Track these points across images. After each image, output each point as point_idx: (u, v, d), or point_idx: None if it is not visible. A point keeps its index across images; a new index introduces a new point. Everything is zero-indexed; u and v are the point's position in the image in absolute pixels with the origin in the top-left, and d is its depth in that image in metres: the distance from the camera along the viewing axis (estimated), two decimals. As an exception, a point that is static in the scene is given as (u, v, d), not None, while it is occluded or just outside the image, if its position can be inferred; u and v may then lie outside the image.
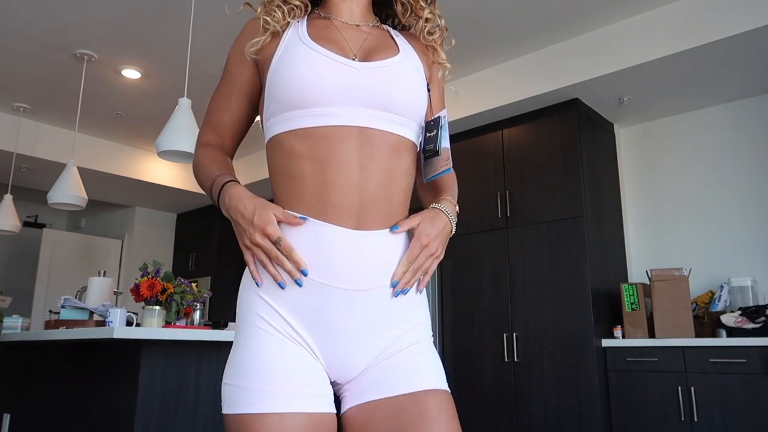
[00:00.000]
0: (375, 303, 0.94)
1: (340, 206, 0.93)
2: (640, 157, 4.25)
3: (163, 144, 2.80)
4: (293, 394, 0.88)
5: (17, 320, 3.28)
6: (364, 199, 0.94)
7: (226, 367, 0.94)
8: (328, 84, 0.95)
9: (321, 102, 0.94)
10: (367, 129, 0.95)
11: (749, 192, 3.75)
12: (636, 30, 3.46)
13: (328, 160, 0.93)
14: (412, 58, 1.06)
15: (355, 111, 0.95)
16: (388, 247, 0.96)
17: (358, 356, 0.96)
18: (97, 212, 7.04)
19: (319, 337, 0.94)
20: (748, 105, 3.84)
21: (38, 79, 4.37)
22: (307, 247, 0.92)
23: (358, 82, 0.96)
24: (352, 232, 0.93)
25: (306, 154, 0.95)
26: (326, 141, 0.94)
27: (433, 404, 0.93)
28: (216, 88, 1.14)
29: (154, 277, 2.75)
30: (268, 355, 0.91)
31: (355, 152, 0.94)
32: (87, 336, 2.34)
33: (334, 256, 0.92)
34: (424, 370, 0.97)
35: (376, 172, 0.95)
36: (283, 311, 0.93)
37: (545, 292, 3.72)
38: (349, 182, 0.93)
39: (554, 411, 3.52)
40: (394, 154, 0.98)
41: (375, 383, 0.96)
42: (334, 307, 0.92)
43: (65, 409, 2.75)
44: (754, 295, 3.46)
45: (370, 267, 0.93)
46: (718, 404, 3.11)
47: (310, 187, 0.94)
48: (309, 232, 0.93)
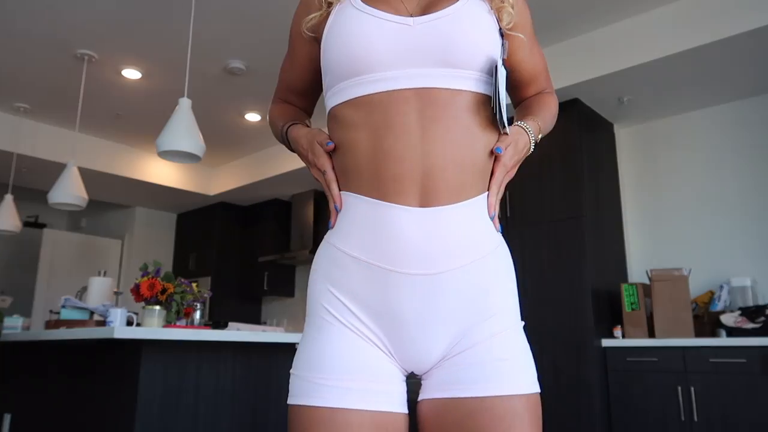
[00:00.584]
0: (447, 287, 0.86)
1: (401, 178, 0.85)
2: (640, 157, 4.25)
3: (163, 144, 2.80)
4: (356, 390, 0.85)
5: (18, 320, 3.28)
6: (428, 168, 0.85)
7: (296, 355, 0.92)
8: (379, 47, 0.87)
9: (373, 67, 0.88)
10: (427, 89, 0.87)
11: (749, 192, 3.75)
12: (636, 30, 3.46)
13: (384, 127, 0.86)
14: (477, 2, 0.94)
15: (412, 72, 0.87)
16: (460, 223, 0.87)
17: (429, 347, 0.88)
18: (97, 212, 7.05)
19: (387, 327, 0.88)
20: (748, 105, 3.84)
21: (38, 79, 4.38)
22: (363, 226, 0.87)
23: (412, 40, 0.88)
24: (416, 210, 0.85)
25: (360, 123, 0.88)
26: (381, 107, 0.87)
27: (507, 413, 0.83)
28: (284, 62, 1.12)
29: (155, 277, 2.75)
30: (330, 349, 0.87)
31: (415, 116, 0.86)
32: (87, 336, 2.34)
33: (396, 238, 0.85)
34: (504, 369, 0.86)
35: (442, 136, 0.86)
36: (348, 302, 0.88)
37: (545, 292, 3.72)
38: (409, 150, 0.85)
39: (554, 411, 3.52)
40: (468, 111, 0.89)
41: (448, 379, 0.88)
42: (397, 294, 0.86)
43: (65, 409, 2.75)
44: (754, 295, 3.46)
45: (441, 248, 0.85)
46: (718, 404, 3.11)
47: (365, 159, 0.87)
48: (363, 210, 0.87)
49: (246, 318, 6.39)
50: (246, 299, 6.52)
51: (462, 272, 0.87)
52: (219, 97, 4.63)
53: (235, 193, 6.21)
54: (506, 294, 0.91)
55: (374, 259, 0.86)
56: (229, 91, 4.51)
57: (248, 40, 3.77)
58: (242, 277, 6.49)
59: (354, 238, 0.88)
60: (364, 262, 0.87)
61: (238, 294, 6.49)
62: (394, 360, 0.90)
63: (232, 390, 2.59)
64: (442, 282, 0.86)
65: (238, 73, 4.17)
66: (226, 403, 2.56)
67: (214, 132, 5.18)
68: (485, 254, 0.89)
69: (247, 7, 3.40)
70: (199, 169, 6.24)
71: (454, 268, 0.86)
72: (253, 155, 5.87)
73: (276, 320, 6.40)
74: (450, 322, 0.88)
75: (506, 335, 0.88)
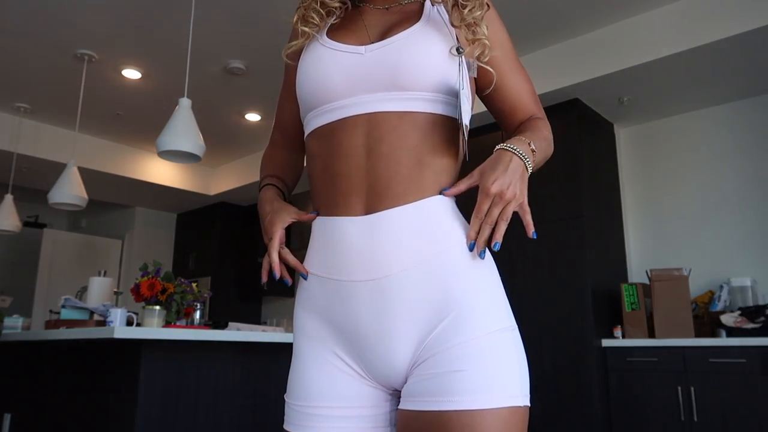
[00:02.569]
0: (396, 291, 0.84)
1: (347, 194, 0.88)
2: (640, 157, 4.25)
3: (163, 144, 2.80)
4: (337, 417, 0.87)
5: (18, 320, 3.28)
6: (373, 181, 0.87)
7: None
8: (334, 78, 0.91)
9: (329, 98, 0.92)
10: (376, 113, 0.89)
11: (749, 192, 3.75)
12: (636, 30, 3.46)
13: (334, 152, 0.91)
14: (436, 25, 0.93)
15: (363, 98, 0.90)
16: (409, 223, 0.85)
17: (391, 357, 0.85)
18: (97, 212, 7.05)
19: (351, 342, 0.88)
20: (748, 105, 3.84)
21: (39, 79, 4.38)
22: (319, 244, 0.92)
23: (363, 68, 0.90)
24: (360, 219, 0.86)
25: (318, 152, 0.94)
26: (334, 135, 0.91)
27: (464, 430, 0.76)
28: (280, 95, 1.15)
29: (155, 277, 2.75)
30: (305, 372, 0.91)
31: (361, 139, 0.89)
32: (87, 336, 2.34)
33: (343, 247, 0.87)
34: (464, 380, 0.78)
35: (387, 153, 0.87)
36: (316, 321, 0.92)
37: (545, 292, 3.72)
38: (355, 168, 0.88)
39: (554, 411, 3.52)
40: (418, 130, 0.89)
41: (414, 390, 0.83)
42: (351, 305, 0.87)
43: (65, 409, 2.75)
44: (754, 295, 3.46)
45: (383, 251, 0.84)
46: (717, 404, 3.11)
47: (321, 183, 0.93)
48: (319, 228, 0.92)
49: (246, 318, 6.39)
50: (246, 299, 6.52)
51: (412, 272, 0.83)
52: (219, 97, 4.63)
53: (235, 193, 6.21)
54: (473, 289, 0.84)
55: (328, 273, 0.89)
56: (229, 91, 4.51)
57: (248, 40, 3.77)
58: (242, 277, 6.49)
59: (315, 257, 0.92)
60: (323, 278, 0.90)
61: (238, 294, 6.48)
62: (368, 380, 0.89)
63: (232, 390, 2.59)
64: (390, 286, 0.84)
65: (238, 73, 4.17)
66: (226, 403, 2.56)
67: (214, 132, 5.18)
68: (438, 252, 0.84)
69: (247, 8, 3.40)
70: (199, 169, 6.24)
71: (400, 270, 0.84)
72: (253, 155, 5.87)
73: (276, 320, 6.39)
74: (408, 326, 0.84)
75: (476, 342, 0.81)
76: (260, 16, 3.47)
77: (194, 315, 3.01)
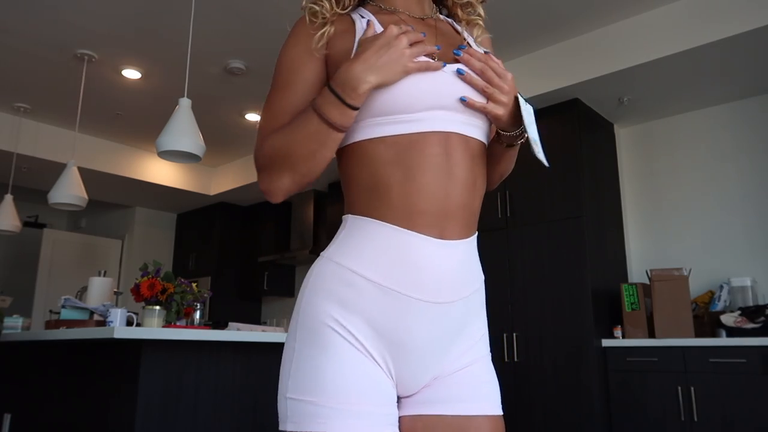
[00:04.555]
0: (453, 315, 0.91)
1: (426, 214, 0.89)
2: (640, 157, 4.25)
3: (163, 144, 2.80)
4: (365, 414, 0.84)
5: (18, 320, 3.28)
6: (448, 207, 0.90)
7: (288, 378, 0.88)
8: (421, 89, 0.90)
9: (412, 108, 0.90)
10: (451, 134, 0.92)
11: (749, 192, 3.75)
12: (636, 30, 3.46)
13: (417, 167, 0.89)
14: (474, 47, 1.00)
15: (441, 115, 0.91)
16: (468, 257, 0.93)
17: (429, 370, 0.92)
18: (97, 212, 7.04)
19: (394, 351, 0.89)
20: (748, 105, 3.84)
21: (38, 79, 4.38)
22: (391, 256, 0.88)
23: (444, 85, 0.91)
24: (436, 242, 0.89)
25: (394, 161, 0.90)
26: (415, 148, 0.90)
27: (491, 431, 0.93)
28: (270, 97, 0.98)
29: (155, 277, 2.75)
30: (342, 368, 0.85)
31: (443, 158, 0.90)
32: (87, 336, 2.34)
33: (418, 266, 0.88)
34: (483, 391, 0.94)
35: (460, 180, 0.92)
36: (359, 323, 0.88)
37: (545, 292, 3.72)
38: (437, 189, 0.90)
39: (554, 411, 3.52)
40: (475, 159, 0.95)
41: (436, 397, 0.93)
42: (414, 321, 0.88)
43: (65, 409, 2.75)
44: (754, 295, 3.46)
45: (452, 279, 0.90)
46: (718, 404, 3.11)
47: (397, 195, 0.89)
48: (393, 240, 0.89)
49: (246, 318, 6.39)
50: (246, 299, 6.52)
51: (464, 302, 0.93)
52: (219, 97, 4.63)
53: (235, 193, 6.21)
54: (485, 323, 1.01)
55: (396, 286, 0.88)
56: (229, 91, 4.51)
57: (248, 40, 3.77)
58: (242, 277, 6.49)
59: (373, 263, 0.89)
60: (385, 288, 0.88)
61: (238, 294, 6.48)
62: (392, 382, 0.91)
63: (232, 390, 2.59)
64: (450, 310, 0.91)
65: (238, 73, 4.17)
66: (226, 403, 2.56)
67: (214, 132, 5.18)
68: (478, 287, 0.97)
69: (247, 8, 3.40)
70: (199, 169, 6.24)
71: (460, 298, 0.92)
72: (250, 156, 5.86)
73: (276, 320, 6.39)
74: (449, 346, 0.93)
75: (486, 361, 0.98)
76: (260, 16, 3.47)
77: (194, 315, 3.01)
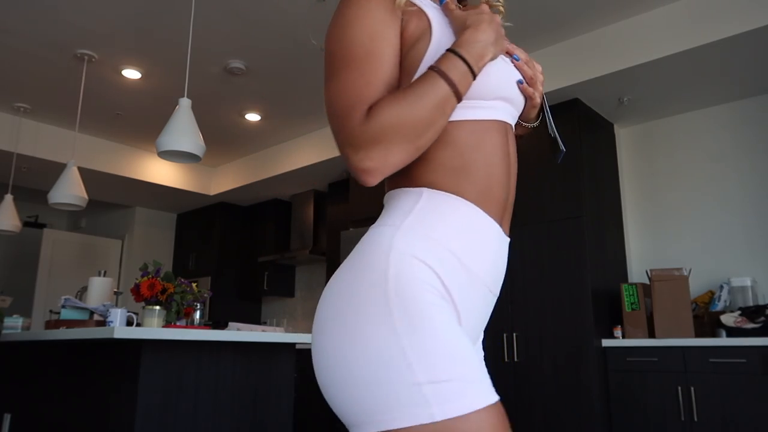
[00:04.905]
0: (490, 308, 0.94)
1: (497, 202, 0.90)
2: (640, 157, 4.25)
3: (164, 144, 2.80)
4: (488, 382, 0.80)
5: (18, 320, 3.28)
6: (509, 200, 0.93)
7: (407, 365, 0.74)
8: (502, 76, 0.92)
9: (493, 94, 0.90)
10: (507, 124, 0.94)
11: (749, 192, 3.75)
12: (636, 30, 3.46)
13: (492, 154, 0.90)
14: None
15: (501, 105, 0.93)
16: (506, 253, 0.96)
17: None
18: (97, 212, 7.05)
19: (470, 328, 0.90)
20: (748, 105, 3.84)
21: (38, 79, 4.38)
22: (470, 234, 0.86)
23: (510, 74, 0.94)
24: (499, 231, 0.91)
25: (475, 145, 0.88)
26: (490, 135, 0.90)
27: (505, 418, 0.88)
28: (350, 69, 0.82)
29: (155, 277, 2.75)
30: (459, 337, 0.79)
31: (506, 149, 0.92)
32: (87, 336, 2.34)
33: (489, 249, 0.88)
34: None
35: (514, 171, 0.96)
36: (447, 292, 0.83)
37: (545, 292, 3.72)
38: (504, 180, 0.91)
39: (554, 411, 3.52)
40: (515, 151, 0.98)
41: None
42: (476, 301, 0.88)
43: (65, 409, 2.75)
44: (754, 295, 3.46)
45: (502, 271, 0.93)
46: (718, 404, 3.11)
47: (480, 179, 0.88)
48: (474, 219, 0.87)
49: (246, 318, 6.39)
50: (246, 299, 6.52)
51: (495, 299, 0.94)
52: (219, 97, 4.63)
53: (235, 193, 6.21)
54: None
55: (472, 263, 0.86)
56: (229, 91, 4.51)
57: (248, 40, 3.77)
58: (242, 277, 6.49)
59: (456, 237, 0.85)
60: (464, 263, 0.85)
61: (238, 294, 6.48)
62: None
63: (231, 390, 2.59)
64: (492, 302, 0.93)
65: (238, 73, 4.17)
66: (226, 403, 2.56)
67: (214, 132, 5.18)
68: None
69: (247, 8, 3.40)
70: (199, 169, 6.24)
71: (497, 294, 0.94)
72: (253, 155, 5.87)
73: (276, 320, 6.40)
74: (479, 335, 0.97)
75: None
76: (260, 16, 3.47)
77: (194, 315, 3.01)
